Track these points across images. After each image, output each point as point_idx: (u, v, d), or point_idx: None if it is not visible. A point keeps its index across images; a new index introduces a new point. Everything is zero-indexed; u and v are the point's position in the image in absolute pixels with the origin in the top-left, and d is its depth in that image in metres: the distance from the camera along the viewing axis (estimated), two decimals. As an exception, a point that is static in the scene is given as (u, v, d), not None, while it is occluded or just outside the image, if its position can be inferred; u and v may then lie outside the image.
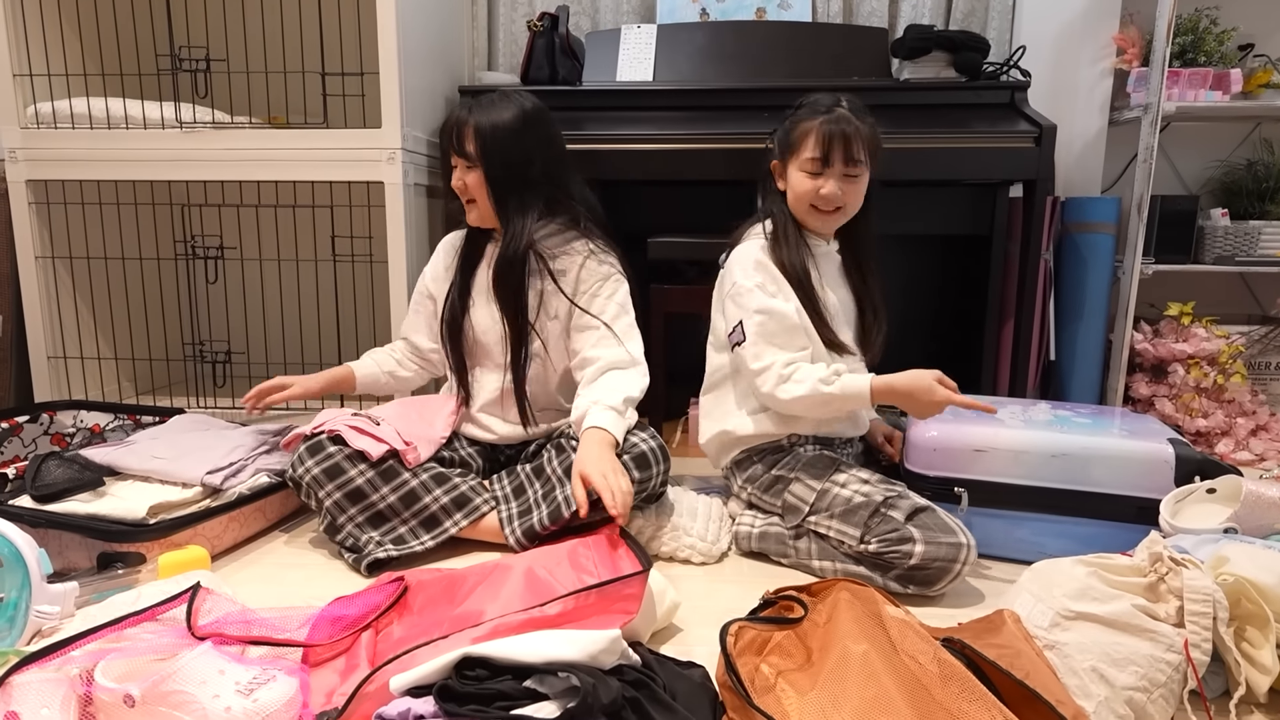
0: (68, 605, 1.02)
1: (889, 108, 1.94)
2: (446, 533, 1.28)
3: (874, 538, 1.18)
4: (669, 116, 1.96)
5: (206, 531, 1.28)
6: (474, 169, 1.38)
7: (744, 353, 1.32)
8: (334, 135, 1.74)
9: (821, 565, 1.26)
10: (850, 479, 1.27)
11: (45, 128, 1.80)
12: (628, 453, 1.27)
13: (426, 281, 1.54)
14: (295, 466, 1.28)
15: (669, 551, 1.30)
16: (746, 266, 1.35)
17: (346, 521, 1.26)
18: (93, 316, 1.99)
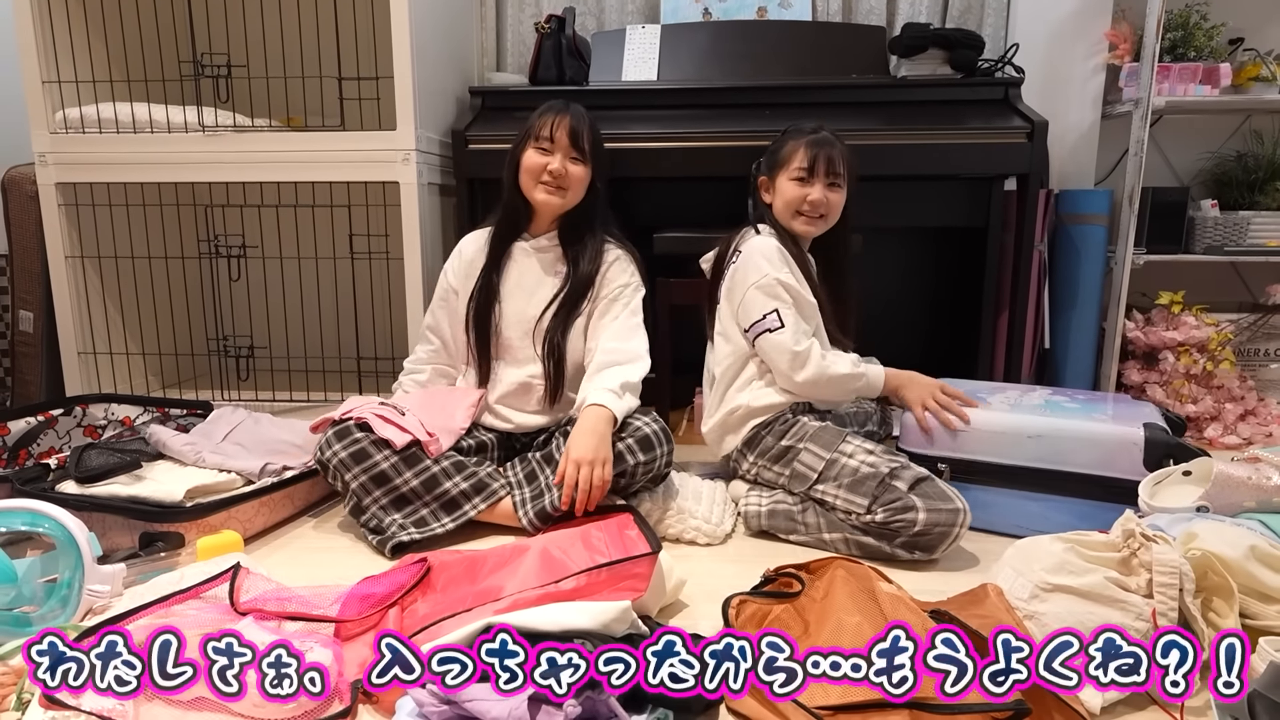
0: (117, 585, 1.11)
1: (887, 104, 2.00)
2: (465, 515, 1.36)
3: (880, 507, 1.27)
4: (673, 115, 2.02)
5: (239, 514, 1.36)
6: (581, 165, 1.48)
7: (781, 338, 1.41)
8: (351, 137, 1.81)
9: (832, 537, 1.33)
10: (857, 450, 1.35)
11: (74, 132, 1.88)
12: (632, 435, 1.34)
13: (449, 278, 1.60)
14: (323, 449, 1.35)
15: (675, 533, 1.38)
16: (771, 258, 1.46)
17: (371, 504, 1.33)
18: (120, 313, 2.07)
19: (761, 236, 1.50)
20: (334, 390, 2.00)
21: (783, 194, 1.51)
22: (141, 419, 1.77)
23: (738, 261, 1.50)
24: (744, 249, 1.51)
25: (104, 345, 2.01)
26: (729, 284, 1.52)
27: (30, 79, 1.87)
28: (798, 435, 1.42)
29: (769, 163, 1.55)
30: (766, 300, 1.43)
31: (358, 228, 1.90)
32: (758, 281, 1.44)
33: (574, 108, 1.51)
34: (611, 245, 1.56)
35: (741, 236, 1.55)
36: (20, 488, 1.32)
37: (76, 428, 1.73)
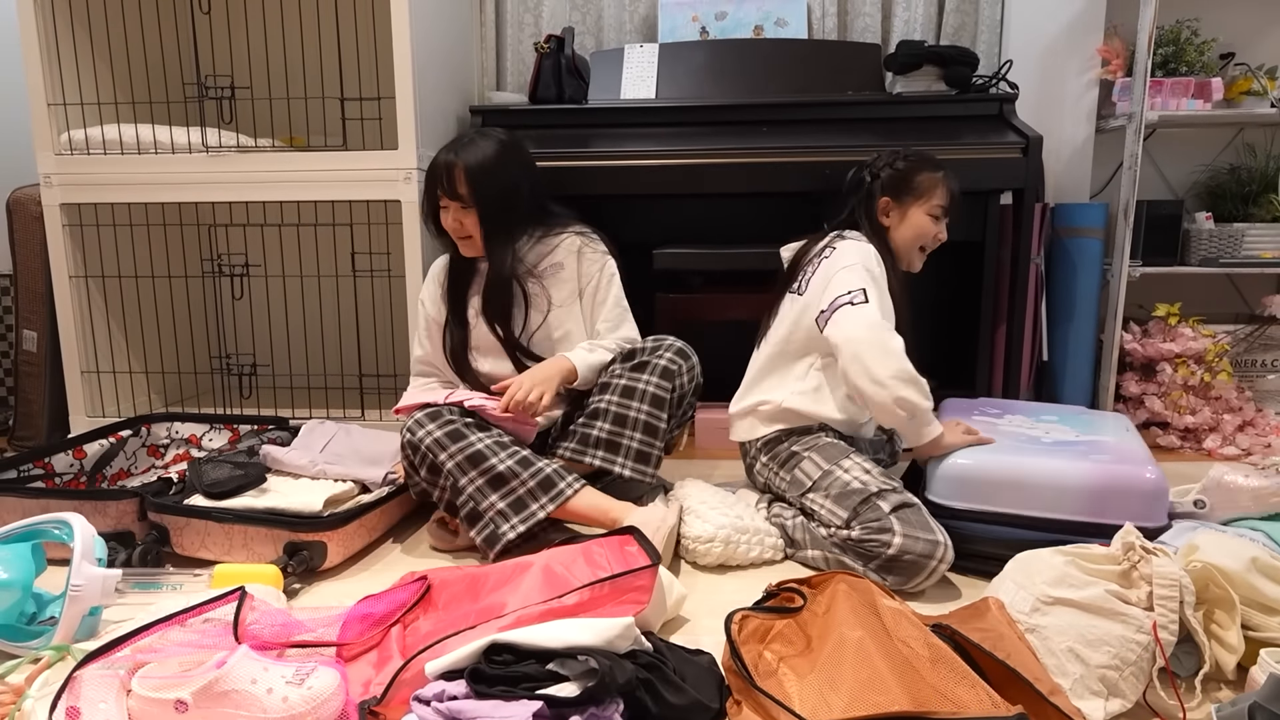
0: (103, 589, 1.08)
1: (883, 121, 2.02)
2: (563, 495, 1.33)
3: (859, 524, 1.27)
4: (672, 132, 2.05)
5: (368, 522, 1.40)
6: (468, 209, 1.46)
7: (869, 310, 1.36)
8: (352, 157, 1.83)
9: (814, 554, 1.34)
10: (854, 466, 1.35)
11: (78, 154, 1.90)
12: (668, 350, 1.43)
13: (428, 308, 1.60)
14: (414, 430, 1.35)
15: (753, 557, 1.36)
16: (870, 257, 1.46)
17: (468, 484, 1.32)
18: (124, 333, 2.09)
19: (860, 244, 1.48)
20: (335, 407, 2.01)
21: (915, 224, 1.51)
22: (208, 436, 1.79)
23: (832, 257, 1.47)
24: (839, 247, 1.48)
25: (107, 364, 2.02)
26: (818, 274, 1.48)
27: (36, 101, 1.89)
28: (808, 445, 1.43)
29: (897, 187, 1.51)
30: (855, 278, 1.39)
31: (359, 246, 1.92)
32: (849, 265, 1.42)
33: (444, 152, 1.47)
34: (564, 233, 1.55)
35: (837, 235, 1.53)
36: (154, 501, 1.35)
37: (141, 448, 1.75)
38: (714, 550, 1.32)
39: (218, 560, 1.35)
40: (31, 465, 1.56)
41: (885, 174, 1.53)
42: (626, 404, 1.43)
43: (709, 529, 1.32)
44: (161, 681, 0.90)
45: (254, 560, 1.32)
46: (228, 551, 1.34)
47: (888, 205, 1.53)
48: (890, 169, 1.53)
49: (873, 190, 1.54)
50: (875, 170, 1.54)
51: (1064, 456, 1.29)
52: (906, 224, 1.53)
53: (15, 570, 1.10)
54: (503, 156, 1.47)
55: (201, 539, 1.35)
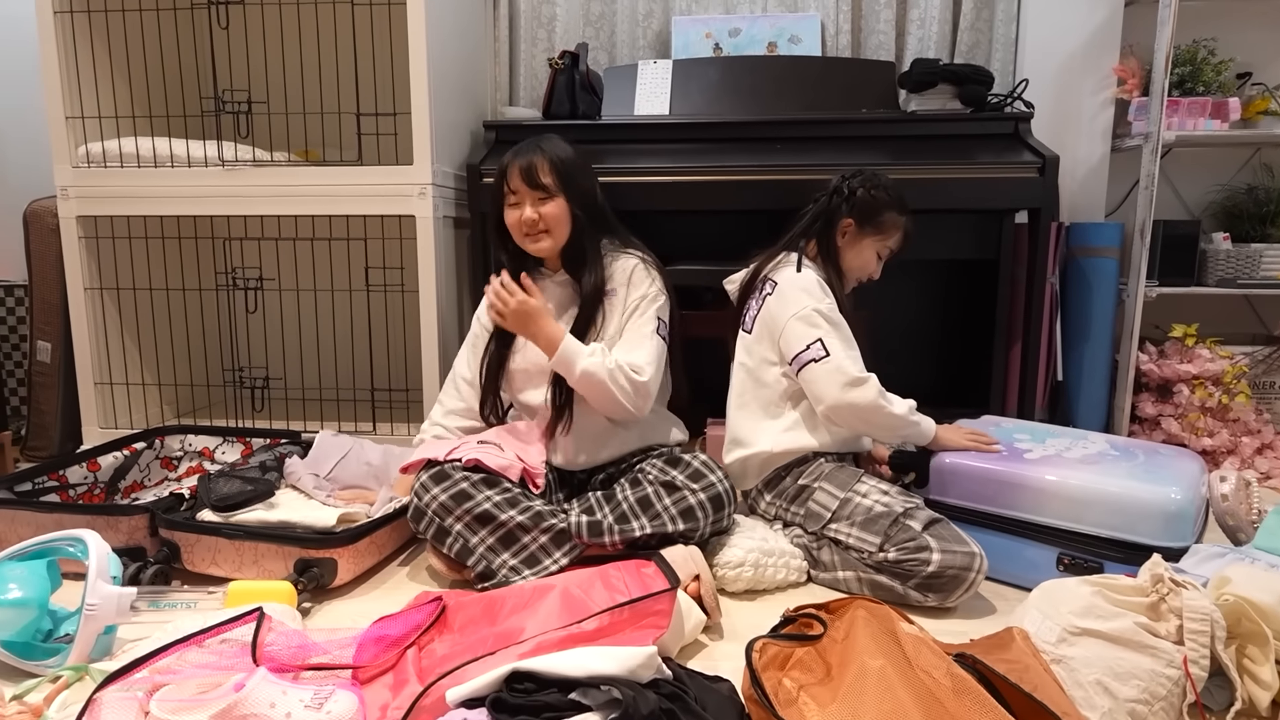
0: (119, 607, 1.07)
1: (897, 139, 2.02)
2: (577, 550, 1.29)
3: (893, 546, 1.26)
4: (685, 149, 2.04)
5: (378, 539, 1.40)
6: (551, 199, 1.42)
7: (829, 365, 1.38)
8: (368, 172, 1.83)
9: (845, 575, 1.32)
10: (871, 489, 1.34)
11: (95, 167, 1.90)
12: (704, 491, 1.31)
13: (483, 320, 1.56)
14: (419, 495, 1.32)
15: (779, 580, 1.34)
16: (812, 290, 1.45)
17: (479, 544, 1.29)
18: (138, 345, 2.09)
19: (804, 272, 1.49)
20: (348, 421, 2.00)
21: (862, 257, 1.54)
22: (221, 449, 1.80)
23: (772, 294, 1.49)
24: (780, 281, 1.49)
25: (120, 376, 2.03)
26: (762, 316, 1.50)
27: (54, 114, 1.90)
28: (814, 475, 1.42)
29: (864, 213, 1.51)
30: (808, 330, 1.41)
31: (373, 260, 1.92)
32: (797, 313, 1.43)
33: (524, 146, 1.44)
34: (624, 254, 1.50)
35: (776, 264, 1.53)
36: (164, 517, 1.34)
37: (155, 460, 1.76)
38: (744, 575, 1.30)
39: (229, 577, 1.34)
40: (46, 478, 1.56)
41: (860, 195, 1.52)
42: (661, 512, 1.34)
43: (738, 553, 1.31)
44: (180, 704, 0.90)
45: (265, 577, 1.32)
46: (238, 568, 1.33)
47: (848, 227, 1.53)
48: (866, 192, 1.52)
49: (840, 208, 1.53)
50: (852, 187, 1.53)
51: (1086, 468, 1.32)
52: (855, 252, 1.55)
53: (31, 588, 1.09)
54: (580, 157, 1.47)
55: (212, 555, 1.35)
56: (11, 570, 1.10)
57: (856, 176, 1.54)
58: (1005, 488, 1.33)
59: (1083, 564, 1.24)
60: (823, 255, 1.54)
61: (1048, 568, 1.28)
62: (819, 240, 1.55)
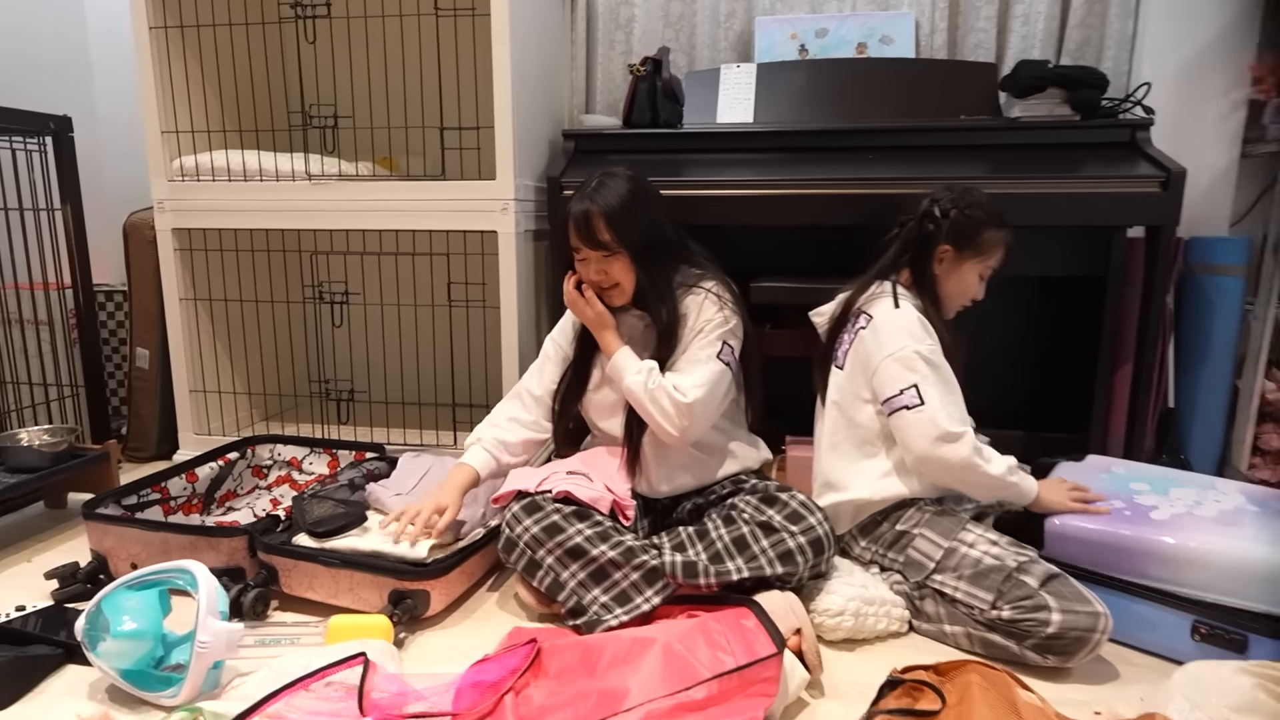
0: (229, 644, 1.11)
1: (998, 148, 1.90)
2: (669, 589, 1.26)
3: (1007, 604, 1.19)
4: (770, 159, 1.97)
5: (468, 568, 1.40)
6: (613, 255, 1.39)
7: (922, 415, 1.31)
8: (451, 187, 1.82)
9: (953, 630, 1.26)
10: (978, 539, 1.28)
11: (189, 180, 1.95)
12: (804, 534, 1.27)
13: (559, 341, 1.56)
14: (511, 526, 1.33)
15: (876, 630, 1.29)
16: (912, 329, 1.36)
17: (569, 579, 1.29)
18: (229, 354, 2.15)
19: (899, 310, 1.39)
20: (429, 433, 2.02)
21: (964, 281, 1.45)
22: (308, 460, 1.85)
23: (868, 328, 1.41)
24: (876, 316, 1.41)
25: (213, 384, 2.09)
26: (855, 352, 1.43)
27: (150, 129, 1.95)
28: (913, 521, 1.35)
29: (961, 236, 1.42)
30: (905, 374, 1.33)
31: (455, 276, 1.92)
32: (895, 353, 1.35)
33: (579, 196, 1.40)
34: (694, 291, 1.45)
35: (870, 298, 1.45)
36: (263, 541, 1.38)
37: (246, 469, 1.82)
38: (844, 624, 1.26)
39: (325, 602, 1.37)
40: (149, 490, 1.62)
41: (954, 217, 1.42)
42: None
43: (838, 601, 1.27)
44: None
45: (359, 605, 1.34)
46: (334, 594, 1.36)
47: (945, 254, 1.43)
48: (960, 213, 1.42)
49: (935, 234, 1.43)
50: (945, 208, 1.43)
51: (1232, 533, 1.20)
52: (956, 278, 1.45)
53: (145, 619, 1.13)
54: (637, 193, 1.41)
55: (309, 581, 1.37)
56: (126, 600, 1.14)
57: (947, 196, 1.44)
58: (1132, 555, 1.22)
59: (1223, 635, 1.15)
60: (919, 285, 1.45)
61: (1180, 636, 1.19)
62: (914, 269, 1.46)
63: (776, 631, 1.14)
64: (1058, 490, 1.35)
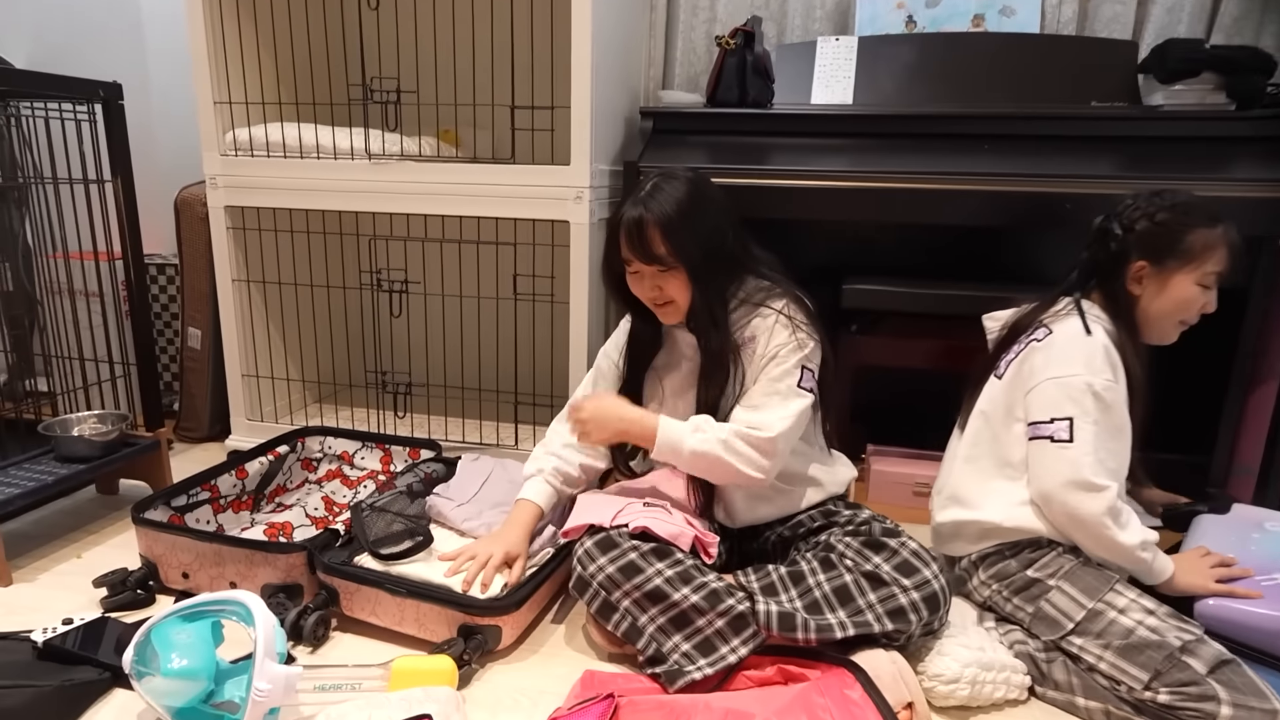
0: (287, 691, 1.01)
1: (1135, 141, 1.68)
2: (758, 638, 1.14)
3: (1165, 687, 1.04)
4: (870, 146, 1.78)
5: (539, 597, 1.30)
6: (669, 271, 1.25)
7: (1066, 454, 1.16)
8: (521, 171, 1.68)
9: (1088, 705, 1.11)
10: (1131, 605, 1.12)
11: (243, 154, 1.83)
12: (917, 589, 1.13)
13: (611, 356, 1.45)
14: (583, 564, 1.21)
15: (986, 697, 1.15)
16: (1093, 358, 1.19)
17: (648, 623, 1.17)
18: (282, 338, 2.05)
19: (1087, 335, 1.21)
20: (489, 430, 1.91)
21: (1177, 296, 1.22)
22: (360, 454, 1.77)
23: (1042, 342, 1.24)
24: (1056, 332, 1.23)
25: (266, 369, 2.00)
26: (1020, 362, 1.26)
27: (203, 99, 1.83)
28: (1051, 570, 1.19)
29: (1157, 247, 1.22)
30: (1064, 403, 1.17)
31: (522, 267, 1.78)
32: (1062, 377, 1.18)
33: (631, 206, 1.24)
34: (762, 312, 1.28)
35: (1057, 313, 1.27)
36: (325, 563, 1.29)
37: (296, 462, 1.76)
38: (958, 693, 1.12)
39: (389, 628, 1.27)
40: (199, 489, 1.54)
41: (1142, 227, 1.22)
42: None
43: (953, 667, 1.12)
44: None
45: (426, 635, 1.24)
46: (399, 622, 1.26)
47: (1143, 271, 1.23)
48: (1149, 222, 1.22)
49: (1123, 249, 1.23)
50: (1128, 221, 1.23)
51: None
52: (1166, 295, 1.23)
53: (198, 656, 1.03)
54: (697, 199, 1.24)
55: (371, 607, 1.28)
56: (177, 634, 1.05)
57: (1129, 207, 1.24)
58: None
59: None
60: (1112, 311, 1.25)
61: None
62: (1104, 294, 1.27)
63: (887, 708, 1.01)
64: (1197, 569, 1.18)
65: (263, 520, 1.59)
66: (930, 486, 1.82)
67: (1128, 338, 1.22)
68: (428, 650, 1.20)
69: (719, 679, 1.13)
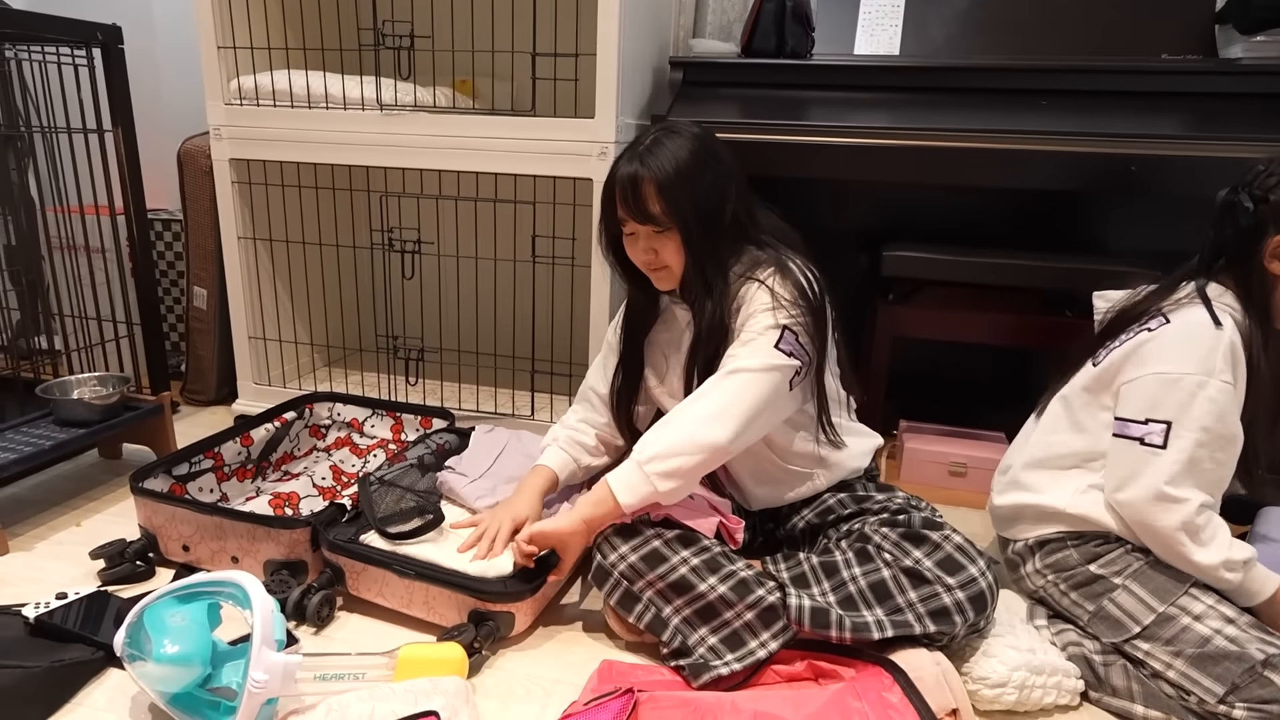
0: (284, 681, 0.95)
1: (1208, 98, 1.54)
2: (789, 633, 1.06)
3: (1243, 702, 0.95)
4: (917, 101, 1.65)
5: (554, 582, 1.21)
6: (664, 232, 1.15)
7: (1154, 464, 1.05)
8: (542, 124, 1.56)
9: (1148, 714, 1.03)
10: (1208, 612, 1.02)
11: (248, 103, 1.73)
12: (963, 589, 1.03)
13: (618, 330, 1.36)
14: (604, 552, 1.13)
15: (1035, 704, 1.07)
16: (1217, 355, 1.04)
17: (673, 614, 1.10)
18: (290, 299, 1.97)
19: (1214, 330, 1.06)
20: (505, 399, 1.83)
21: None
22: (370, 422, 1.71)
23: (1156, 331, 1.10)
24: (1175, 322, 1.09)
25: (274, 331, 1.92)
26: (1127, 351, 1.12)
27: (206, 44, 1.72)
28: (1117, 567, 1.10)
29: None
30: (1167, 405, 1.05)
31: (541, 228, 1.68)
32: (1173, 375, 1.05)
33: (627, 161, 1.14)
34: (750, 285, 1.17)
35: (1178, 301, 1.12)
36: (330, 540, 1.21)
37: (304, 429, 1.69)
38: (1005, 698, 1.03)
39: (395, 610, 1.21)
40: (202, 456, 1.47)
41: (1278, 197, 1.06)
42: None
43: (1001, 670, 1.04)
44: None
45: (435, 619, 1.17)
46: (407, 604, 1.19)
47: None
48: None
49: (1257, 223, 1.06)
50: (1261, 191, 1.06)
51: None
52: None
53: (192, 642, 0.97)
54: (701, 157, 1.13)
55: (379, 587, 1.21)
56: (171, 616, 0.98)
57: (1260, 175, 1.07)
58: None
59: None
60: (1245, 297, 1.09)
61: None
62: (1235, 277, 1.11)
63: (930, 714, 0.93)
64: None
65: (268, 489, 1.52)
66: (967, 466, 1.74)
67: (1259, 327, 1.07)
68: (437, 635, 1.13)
69: (746, 675, 1.06)
